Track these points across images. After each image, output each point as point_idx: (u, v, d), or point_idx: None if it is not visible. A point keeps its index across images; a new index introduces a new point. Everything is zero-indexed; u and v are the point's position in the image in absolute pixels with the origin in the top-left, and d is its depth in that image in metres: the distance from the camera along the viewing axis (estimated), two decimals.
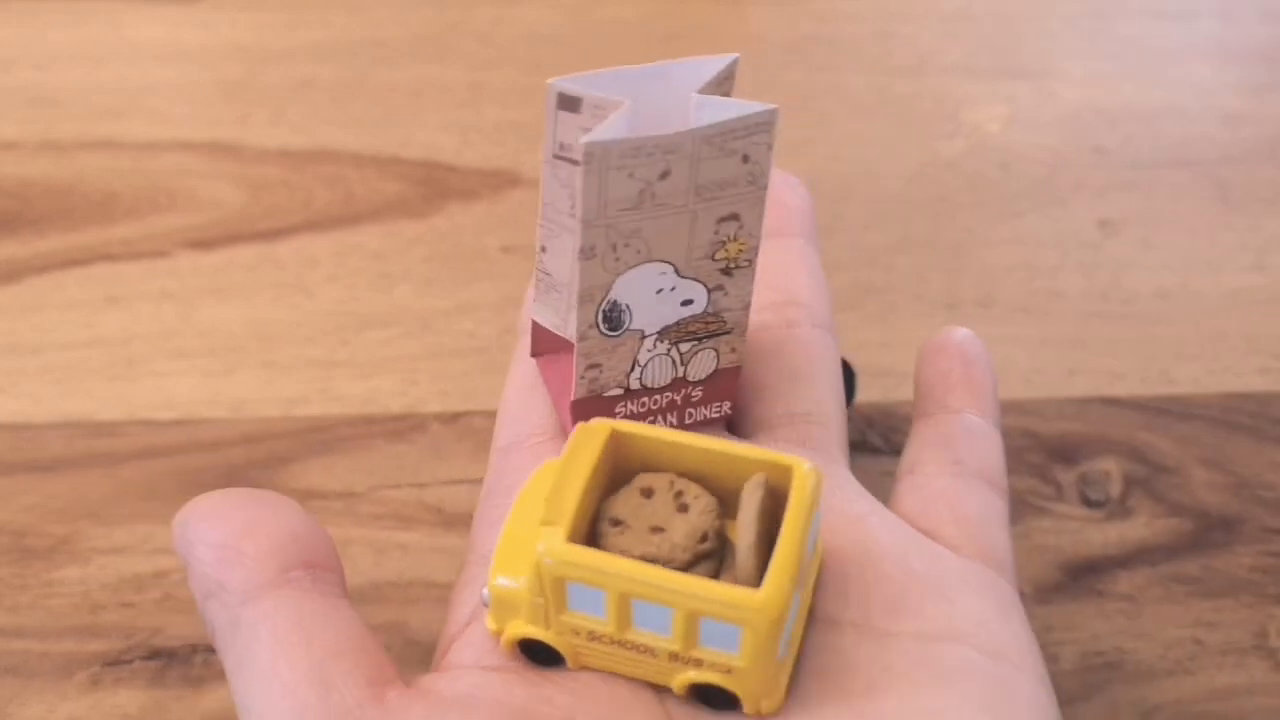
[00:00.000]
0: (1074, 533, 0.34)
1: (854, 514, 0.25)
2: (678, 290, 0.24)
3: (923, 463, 0.26)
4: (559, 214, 0.24)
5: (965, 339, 0.28)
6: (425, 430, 0.37)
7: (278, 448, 0.36)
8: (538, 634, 0.22)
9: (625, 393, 0.25)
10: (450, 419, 0.37)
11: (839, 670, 0.22)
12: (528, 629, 0.22)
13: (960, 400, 0.27)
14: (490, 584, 0.22)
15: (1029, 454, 0.36)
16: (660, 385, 0.26)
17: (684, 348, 0.25)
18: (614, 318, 0.24)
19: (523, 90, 0.50)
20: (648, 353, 0.25)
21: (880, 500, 0.26)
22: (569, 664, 0.23)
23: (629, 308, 0.24)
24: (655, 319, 0.25)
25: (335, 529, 0.32)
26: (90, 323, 0.40)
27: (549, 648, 0.22)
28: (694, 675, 0.22)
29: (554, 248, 0.24)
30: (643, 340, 0.25)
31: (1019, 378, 0.38)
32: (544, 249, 0.24)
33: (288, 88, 0.49)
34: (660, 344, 0.25)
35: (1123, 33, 0.53)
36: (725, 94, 0.24)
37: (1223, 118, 0.49)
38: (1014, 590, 0.24)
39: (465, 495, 0.35)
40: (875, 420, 0.37)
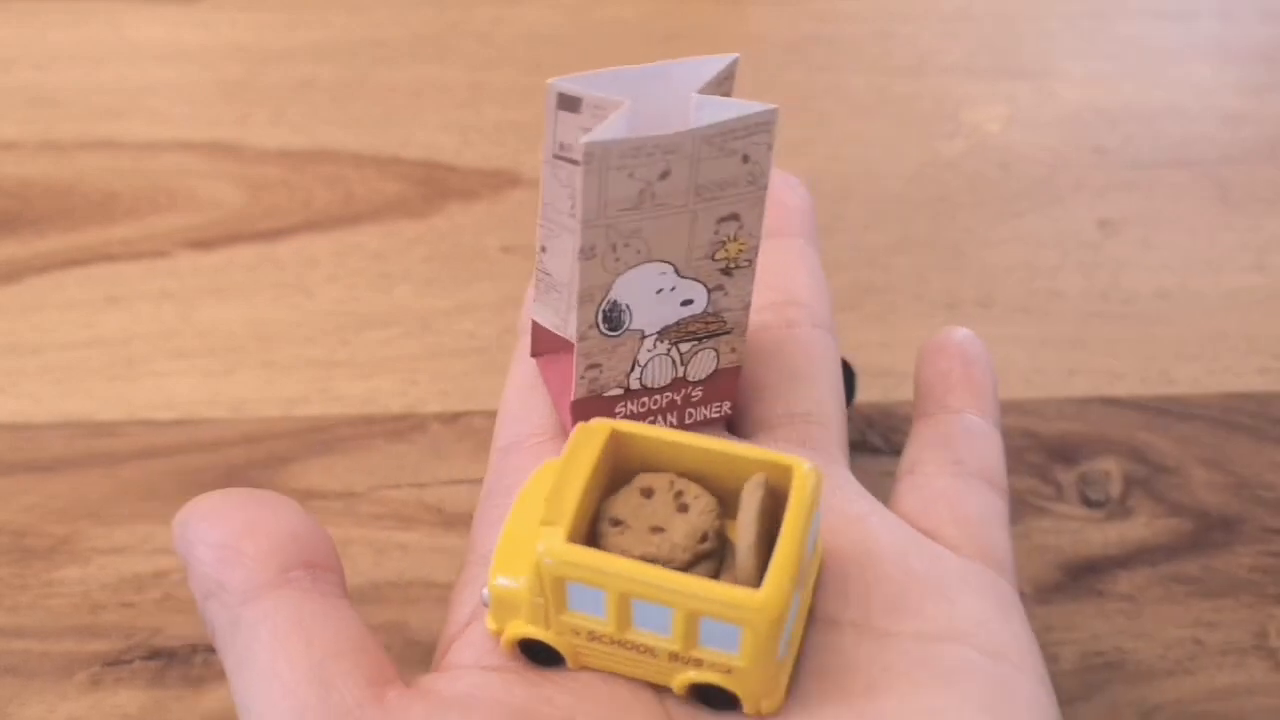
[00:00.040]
0: (1074, 533, 0.34)
1: (854, 514, 0.25)
2: (678, 290, 0.24)
3: (923, 463, 0.26)
4: (559, 214, 0.24)
5: (965, 339, 0.28)
6: (425, 430, 0.37)
7: (278, 448, 0.36)
8: (538, 634, 0.22)
9: (625, 393, 0.25)
10: (450, 419, 0.37)
11: (839, 670, 0.22)
12: (528, 629, 0.22)
13: (960, 400, 0.27)
14: (490, 584, 0.22)
15: (1029, 454, 0.36)
16: (660, 385, 0.26)
17: (684, 348, 0.25)
18: (614, 318, 0.24)
19: (523, 90, 0.50)
20: (648, 353, 0.25)
21: (880, 500, 0.26)
22: (569, 664, 0.23)
23: (629, 308, 0.24)
24: (655, 319, 0.25)
25: (335, 529, 0.32)
26: (90, 323, 0.40)
27: (549, 648, 0.22)
28: (694, 675, 0.22)
29: (554, 248, 0.24)
30: (643, 340, 0.25)
31: (1019, 378, 0.38)
32: (544, 249, 0.24)
33: (288, 88, 0.49)
34: (660, 344, 0.25)
35: (1123, 33, 0.53)
36: (725, 94, 0.23)
37: (1223, 118, 0.49)
38: (1014, 590, 0.24)
39: (465, 495, 0.35)
40: (875, 420, 0.37)
